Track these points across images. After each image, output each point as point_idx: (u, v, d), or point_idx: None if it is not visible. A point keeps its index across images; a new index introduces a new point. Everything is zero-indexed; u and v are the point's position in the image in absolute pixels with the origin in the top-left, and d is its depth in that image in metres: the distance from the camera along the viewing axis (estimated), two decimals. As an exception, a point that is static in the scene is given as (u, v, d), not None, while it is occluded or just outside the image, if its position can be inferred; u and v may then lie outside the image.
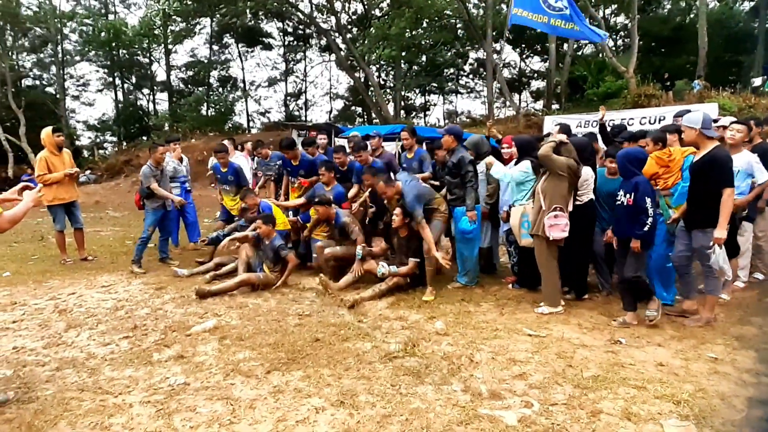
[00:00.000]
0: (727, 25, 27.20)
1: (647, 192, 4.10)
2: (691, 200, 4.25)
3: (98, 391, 3.21)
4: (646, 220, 4.05)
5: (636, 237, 4.10)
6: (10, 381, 3.38)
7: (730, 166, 4.05)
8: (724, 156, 4.05)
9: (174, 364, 3.62)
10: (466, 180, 5.19)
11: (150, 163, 6.73)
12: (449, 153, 5.39)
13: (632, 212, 4.13)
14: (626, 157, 4.29)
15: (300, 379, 3.33)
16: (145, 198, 6.73)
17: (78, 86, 34.51)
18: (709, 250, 4.00)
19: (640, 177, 4.19)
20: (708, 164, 4.02)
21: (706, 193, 4.03)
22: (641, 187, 4.10)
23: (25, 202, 2.98)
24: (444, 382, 3.25)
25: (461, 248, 5.37)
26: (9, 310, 4.93)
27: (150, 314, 4.76)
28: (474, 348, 3.80)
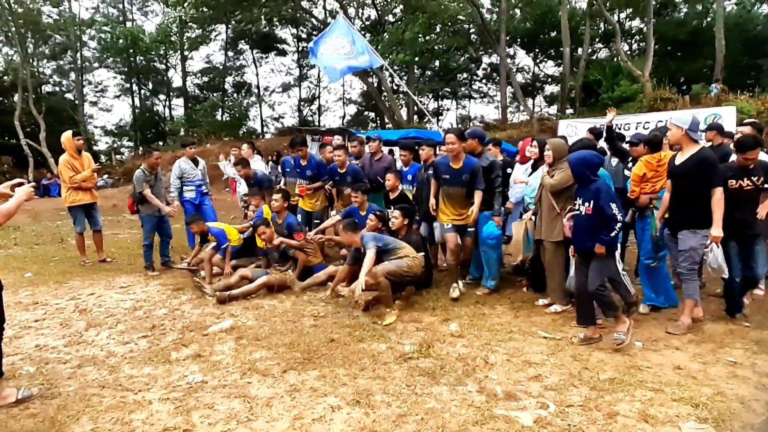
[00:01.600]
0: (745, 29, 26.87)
1: (611, 197, 3.78)
2: (676, 202, 4.23)
3: (119, 388, 3.27)
4: (615, 226, 3.74)
5: (602, 243, 3.77)
6: (34, 377, 3.45)
7: (718, 166, 4.09)
8: (712, 156, 4.10)
9: (192, 362, 3.67)
10: (495, 185, 5.19)
11: (143, 167, 6.68)
12: (476, 157, 5.36)
13: (593, 222, 3.82)
14: (583, 161, 3.92)
15: (316, 378, 3.36)
16: (139, 203, 6.69)
17: (96, 92, 35.20)
18: (707, 249, 4.01)
19: (599, 182, 3.87)
20: (696, 165, 4.02)
21: (694, 194, 4.04)
22: (602, 194, 3.78)
23: (18, 196, 3.04)
24: (459, 383, 3.26)
25: (486, 253, 5.32)
26: (31, 309, 5.04)
27: (168, 314, 4.83)
28: (489, 350, 3.80)
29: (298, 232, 5.79)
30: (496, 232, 5.23)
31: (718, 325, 4.24)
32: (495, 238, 5.25)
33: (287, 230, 5.80)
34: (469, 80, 38.17)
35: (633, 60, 24.78)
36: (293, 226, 5.84)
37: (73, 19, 28.30)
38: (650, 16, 18.35)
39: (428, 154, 6.13)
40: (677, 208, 4.22)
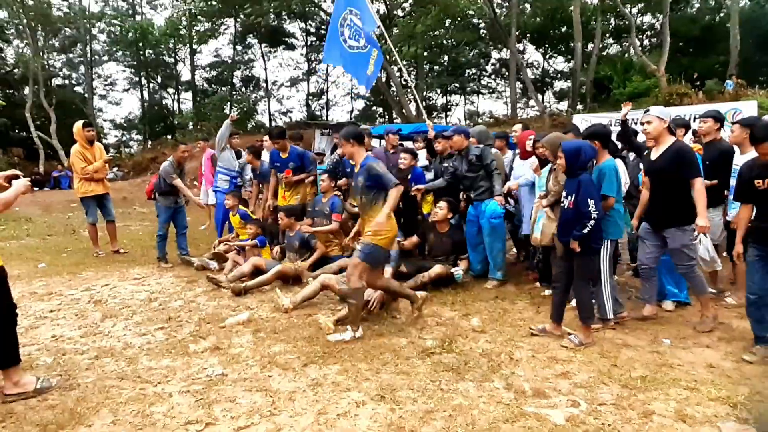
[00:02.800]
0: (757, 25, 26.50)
1: (589, 193, 3.63)
2: (656, 199, 4.10)
3: (137, 380, 3.21)
4: (587, 223, 3.59)
5: (574, 237, 3.65)
6: (51, 368, 3.40)
7: (695, 157, 3.99)
8: (688, 147, 4.02)
9: (210, 355, 3.61)
10: (491, 169, 5.23)
11: (171, 160, 6.67)
12: (463, 152, 5.33)
13: (573, 215, 3.69)
14: (575, 151, 3.73)
15: (337, 372, 3.28)
16: (159, 194, 6.65)
17: (105, 85, 35.22)
18: (695, 241, 3.88)
19: (583, 176, 3.71)
20: (673, 158, 3.91)
21: (675, 188, 3.93)
22: (583, 188, 3.64)
23: (16, 188, 3.03)
24: (485, 379, 3.18)
25: (490, 242, 5.27)
26: (46, 300, 5.00)
27: (183, 306, 4.77)
28: (513, 346, 3.71)
29: (338, 212, 5.78)
30: (499, 210, 5.23)
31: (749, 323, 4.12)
32: (498, 216, 5.23)
33: (330, 210, 5.77)
34: (477, 76, 37.93)
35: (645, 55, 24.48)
36: (336, 206, 5.79)
37: (83, 12, 28.30)
38: (666, 10, 18.09)
39: (444, 147, 6.06)
40: (659, 207, 4.08)
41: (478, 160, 5.22)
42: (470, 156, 5.27)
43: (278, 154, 6.48)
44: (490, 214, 5.18)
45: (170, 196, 6.64)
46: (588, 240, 3.66)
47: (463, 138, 5.32)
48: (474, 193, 5.35)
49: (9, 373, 3.02)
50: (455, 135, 5.33)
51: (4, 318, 3.04)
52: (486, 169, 5.23)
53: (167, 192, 6.61)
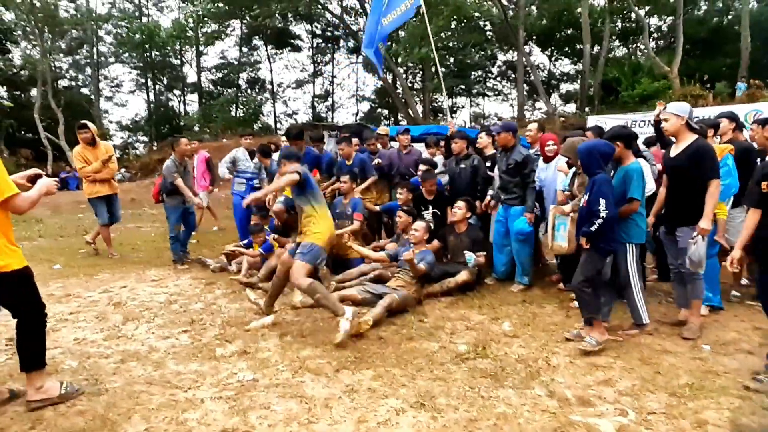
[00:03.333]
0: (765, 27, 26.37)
1: (602, 192, 3.56)
2: (672, 197, 4.00)
3: (167, 385, 3.12)
4: (595, 221, 3.54)
5: (582, 234, 3.65)
6: (77, 372, 3.32)
7: (715, 157, 3.86)
8: (708, 146, 3.88)
9: (239, 359, 3.52)
10: (528, 180, 5.04)
11: (173, 157, 6.52)
12: (507, 151, 5.19)
13: (585, 213, 3.68)
14: (590, 150, 3.70)
15: (372, 378, 3.19)
16: (166, 194, 6.53)
17: (112, 87, 35.28)
18: (691, 240, 3.73)
19: (599, 176, 3.64)
20: (692, 157, 3.79)
21: (691, 187, 3.80)
22: (596, 187, 3.59)
23: (39, 187, 2.95)
24: (525, 386, 3.08)
25: (517, 249, 5.15)
26: (64, 301, 4.92)
27: (205, 309, 4.69)
28: (548, 351, 3.61)
29: (359, 212, 5.70)
30: (527, 229, 5.03)
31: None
32: (525, 234, 5.05)
33: (352, 210, 5.71)
34: (483, 78, 37.87)
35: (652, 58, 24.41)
36: (358, 206, 5.72)
37: (90, 13, 28.34)
38: (680, 11, 17.97)
39: (461, 148, 5.97)
40: (674, 204, 3.99)
41: (518, 166, 5.03)
42: (511, 159, 5.10)
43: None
44: (518, 231, 5.03)
45: (178, 195, 6.51)
46: (596, 239, 3.60)
47: (511, 135, 5.17)
48: (506, 196, 5.23)
49: (32, 378, 2.90)
50: (503, 131, 5.17)
51: (32, 318, 2.94)
52: (523, 178, 5.06)
53: (174, 191, 6.48)
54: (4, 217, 2.83)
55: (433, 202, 5.89)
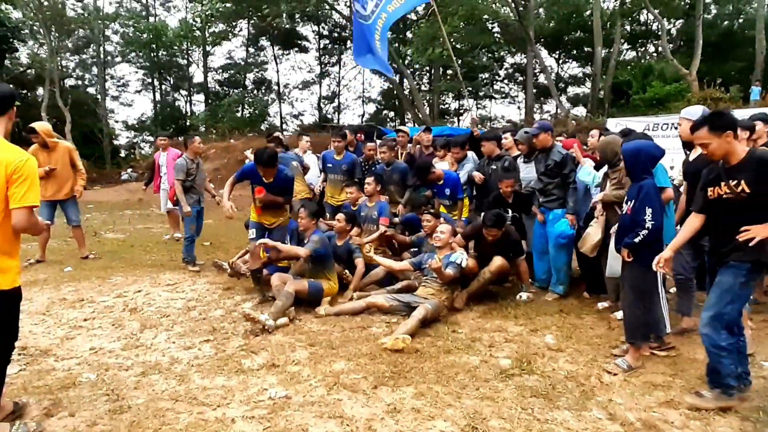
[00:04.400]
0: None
1: (649, 201, 3.30)
2: (689, 201, 3.70)
3: (193, 402, 2.89)
4: (640, 232, 3.27)
5: (624, 245, 3.38)
6: (96, 386, 3.09)
7: None
8: None
9: (267, 373, 3.29)
10: (569, 180, 4.82)
11: (186, 155, 6.34)
12: (544, 152, 4.96)
13: (629, 222, 3.39)
14: (637, 154, 3.44)
15: (413, 396, 2.96)
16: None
17: (118, 86, 35.17)
18: None
19: (646, 181, 3.37)
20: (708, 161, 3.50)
21: None
22: (643, 194, 3.32)
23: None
24: (581, 407, 2.84)
25: (555, 254, 4.93)
26: (78, 307, 4.70)
27: (225, 316, 4.46)
28: (598, 367, 3.38)
29: (385, 216, 5.47)
30: (569, 232, 4.80)
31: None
32: (567, 237, 4.81)
33: (378, 213, 5.48)
34: (490, 80, 37.64)
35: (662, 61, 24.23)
36: (384, 210, 5.48)
37: (98, 12, 28.24)
38: (700, 10, 17.77)
39: (491, 149, 5.76)
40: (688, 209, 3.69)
41: (557, 166, 4.81)
42: (549, 160, 4.87)
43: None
44: (559, 234, 4.79)
45: (192, 194, 6.32)
46: (640, 251, 3.31)
47: (549, 136, 4.93)
48: (544, 199, 5.00)
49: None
50: (541, 132, 4.91)
51: (5, 345, 2.62)
52: (564, 179, 4.83)
53: (189, 190, 6.30)
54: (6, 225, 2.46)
55: (513, 205, 5.37)
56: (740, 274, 2.79)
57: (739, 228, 2.75)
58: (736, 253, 2.79)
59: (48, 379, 3.17)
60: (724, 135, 2.79)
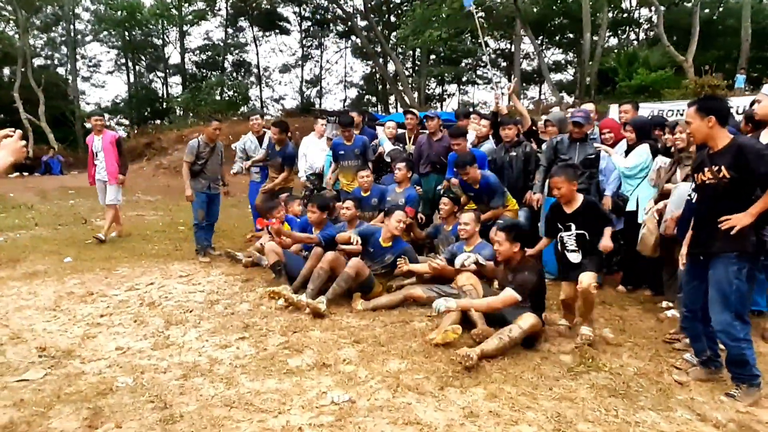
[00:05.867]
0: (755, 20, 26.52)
1: None
2: None
3: (250, 408, 2.64)
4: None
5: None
6: (136, 392, 2.80)
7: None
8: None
9: (320, 374, 3.05)
10: (595, 178, 4.68)
11: (201, 137, 6.07)
12: (580, 142, 4.75)
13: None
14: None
15: (485, 398, 2.77)
16: (191, 178, 6.01)
17: (90, 67, 33.77)
18: None
19: None
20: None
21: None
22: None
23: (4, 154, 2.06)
24: (665, 408, 2.70)
25: None
26: (89, 301, 4.36)
27: (253, 311, 4.19)
28: (665, 363, 3.24)
29: (411, 206, 5.20)
30: None
31: None
32: None
33: (405, 201, 5.20)
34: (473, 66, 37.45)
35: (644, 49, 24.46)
36: (412, 199, 5.22)
37: (68, -12, 26.91)
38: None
39: (512, 135, 5.53)
40: None
41: (590, 162, 4.60)
42: (591, 149, 4.67)
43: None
44: None
45: (201, 179, 6.01)
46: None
47: (588, 126, 4.72)
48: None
49: None
50: (586, 123, 4.68)
51: None
52: (592, 176, 4.64)
53: (198, 174, 6.00)
54: None
55: (575, 217, 3.69)
56: (730, 263, 2.74)
57: (716, 216, 2.75)
58: (718, 243, 2.77)
59: (80, 385, 2.87)
60: (707, 119, 2.77)
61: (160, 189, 14.37)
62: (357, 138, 6.14)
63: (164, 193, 13.39)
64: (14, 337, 3.53)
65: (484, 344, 3.22)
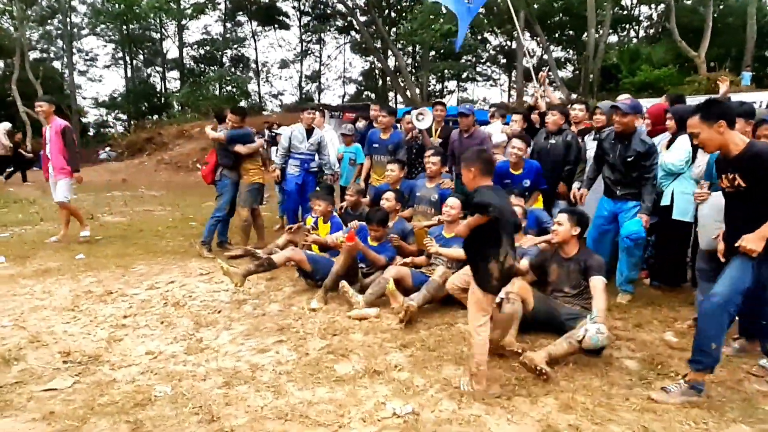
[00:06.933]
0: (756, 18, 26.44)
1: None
2: None
3: (306, 422, 2.40)
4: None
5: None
6: (177, 402, 2.56)
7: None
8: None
9: (373, 381, 2.81)
10: (648, 175, 4.19)
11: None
12: (625, 138, 4.41)
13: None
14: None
15: (559, 409, 2.54)
16: (226, 168, 5.81)
17: (86, 60, 33.27)
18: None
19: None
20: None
21: None
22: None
23: None
24: (755, 420, 2.48)
25: (629, 251, 4.28)
26: (109, 301, 4.10)
27: (285, 311, 3.95)
28: (739, 370, 3.03)
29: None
30: (642, 234, 4.17)
31: None
32: (636, 240, 4.17)
33: (438, 197, 4.97)
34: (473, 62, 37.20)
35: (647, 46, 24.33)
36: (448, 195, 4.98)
37: (64, -21, 26.45)
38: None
39: (557, 123, 5.24)
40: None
41: (641, 157, 4.19)
42: (632, 149, 4.21)
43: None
44: (628, 234, 4.18)
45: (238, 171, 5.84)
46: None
47: (636, 119, 4.32)
48: (621, 190, 4.35)
49: None
50: (631, 113, 4.20)
51: None
52: (643, 172, 4.21)
53: (235, 165, 5.81)
54: None
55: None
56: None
57: (743, 221, 2.61)
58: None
59: (114, 395, 2.62)
60: (716, 125, 2.58)
61: (162, 184, 14.09)
62: (394, 133, 5.90)
63: (167, 189, 13.10)
64: (34, 341, 3.28)
65: (552, 348, 2.99)
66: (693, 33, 28.99)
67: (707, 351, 2.58)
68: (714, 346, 2.57)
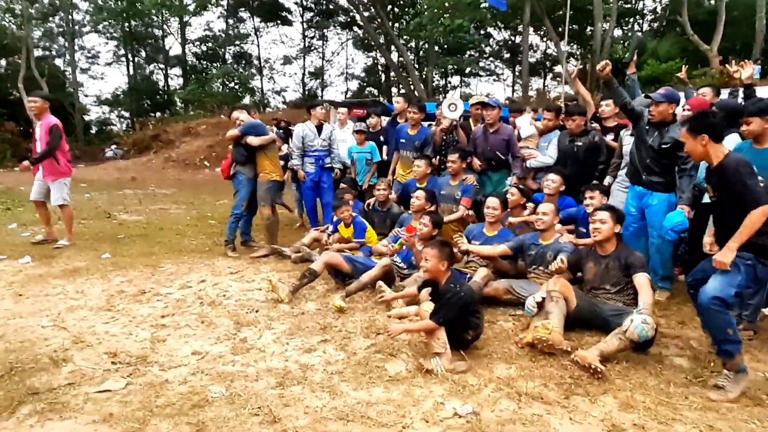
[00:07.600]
0: (753, 11, 26.33)
1: None
2: None
3: (368, 423, 2.38)
4: None
5: None
6: (234, 403, 2.53)
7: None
8: None
9: (426, 381, 2.79)
10: (684, 165, 4.11)
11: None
12: (662, 126, 4.36)
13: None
14: None
15: (620, 408, 2.52)
16: (240, 164, 5.75)
17: (88, 58, 33.15)
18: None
19: None
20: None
21: None
22: None
23: None
24: (821, 417, 2.46)
25: (661, 246, 4.29)
26: (144, 301, 4.07)
27: (323, 311, 3.92)
28: (793, 367, 3.01)
29: (468, 197, 5.01)
30: (686, 225, 3.91)
31: None
32: (681, 231, 3.91)
33: (461, 193, 4.97)
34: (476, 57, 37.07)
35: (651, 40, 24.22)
36: (469, 191, 4.96)
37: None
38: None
39: (579, 125, 5.22)
40: None
41: (678, 146, 4.13)
42: (668, 137, 4.15)
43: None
44: (672, 227, 3.86)
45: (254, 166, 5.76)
46: None
47: (670, 107, 4.19)
48: (649, 177, 4.30)
49: None
50: (664, 102, 4.12)
51: None
52: (680, 162, 4.13)
53: (250, 160, 5.73)
54: None
55: None
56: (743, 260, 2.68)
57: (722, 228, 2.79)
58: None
59: (169, 396, 2.60)
60: (699, 138, 2.73)
61: (172, 182, 14.03)
62: (422, 129, 5.87)
63: (177, 187, 13.06)
64: (77, 341, 3.25)
65: (604, 345, 2.97)
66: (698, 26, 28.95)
67: (728, 338, 2.65)
68: (731, 331, 2.64)
